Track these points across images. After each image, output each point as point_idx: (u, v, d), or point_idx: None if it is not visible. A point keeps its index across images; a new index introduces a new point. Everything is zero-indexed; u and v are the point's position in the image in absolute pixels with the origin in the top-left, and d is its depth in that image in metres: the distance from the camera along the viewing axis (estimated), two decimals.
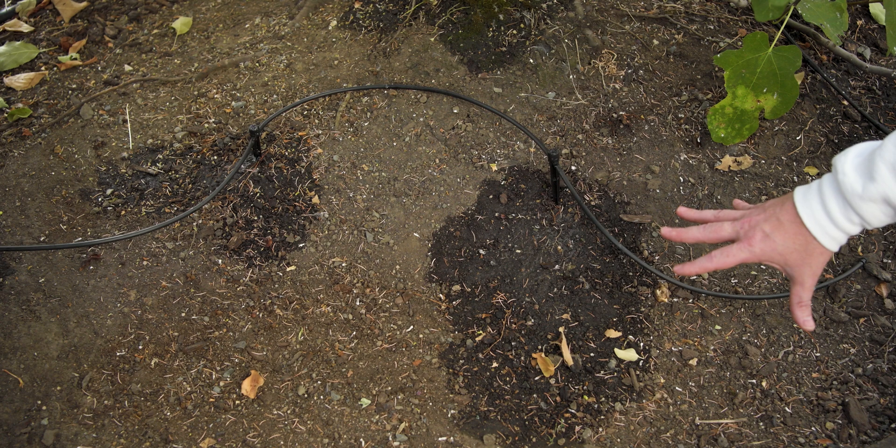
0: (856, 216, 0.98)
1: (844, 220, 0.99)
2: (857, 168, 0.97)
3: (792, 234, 1.03)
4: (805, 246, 1.03)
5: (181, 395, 1.77)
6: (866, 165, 0.96)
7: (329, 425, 1.74)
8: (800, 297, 1.07)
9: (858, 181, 0.96)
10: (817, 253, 1.03)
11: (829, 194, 1.00)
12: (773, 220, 1.05)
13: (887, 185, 0.93)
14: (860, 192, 0.95)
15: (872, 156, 0.95)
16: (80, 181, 2.05)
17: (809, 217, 1.01)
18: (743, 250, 1.06)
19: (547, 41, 2.20)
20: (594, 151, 2.07)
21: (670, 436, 1.73)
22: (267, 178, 2.04)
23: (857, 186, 0.96)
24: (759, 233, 1.05)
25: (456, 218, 1.98)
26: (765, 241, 1.05)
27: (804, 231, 1.02)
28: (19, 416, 1.73)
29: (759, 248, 1.05)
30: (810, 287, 1.06)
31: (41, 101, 2.24)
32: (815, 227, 1.01)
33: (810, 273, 1.05)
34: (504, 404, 1.77)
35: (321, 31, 2.32)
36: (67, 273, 1.91)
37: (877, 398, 1.78)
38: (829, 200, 1.00)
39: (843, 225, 1.00)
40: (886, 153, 0.93)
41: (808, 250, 1.03)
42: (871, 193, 0.94)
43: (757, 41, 1.91)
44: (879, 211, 0.96)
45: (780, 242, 1.04)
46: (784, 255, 1.04)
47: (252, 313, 1.87)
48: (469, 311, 1.87)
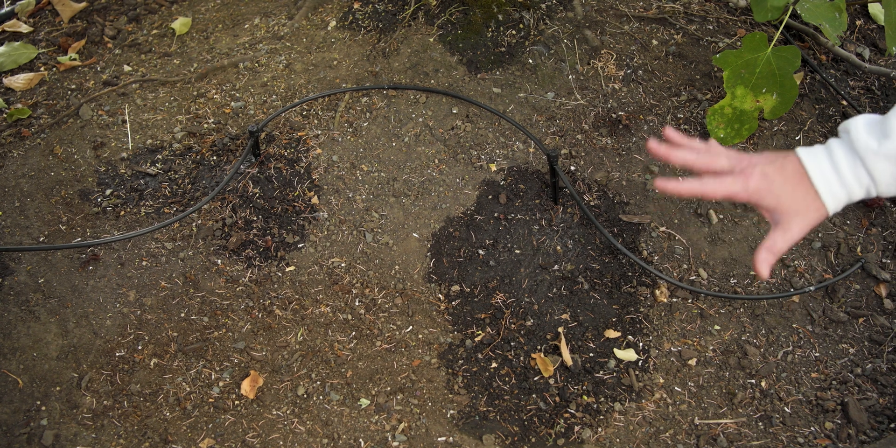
0: (865, 174, 0.95)
1: (852, 178, 0.96)
2: (868, 130, 0.95)
3: (793, 182, 0.98)
4: (806, 198, 0.98)
5: (180, 396, 1.77)
6: (879, 126, 0.95)
7: (328, 425, 1.74)
8: (774, 242, 1.00)
9: (873, 140, 0.94)
10: (815, 208, 0.99)
11: (838, 151, 0.97)
12: (776, 164, 1.00)
13: None
14: (875, 148, 0.93)
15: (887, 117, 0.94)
16: (80, 181, 2.05)
17: (815, 169, 0.97)
18: (737, 183, 1.00)
19: (546, 41, 2.20)
20: (593, 152, 2.08)
21: (669, 436, 1.73)
22: (266, 178, 2.04)
23: (871, 143, 0.94)
24: (758, 170, 1.00)
25: (455, 218, 1.98)
26: (763, 179, 0.99)
27: (806, 182, 0.98)
28: (18, 417, 1.73)
29: (754, 184, 0.99)
30: (791, 238, 1.00)
31: (40, 101, 2.24)
32: (820, 180, 0.97)
33: (799, 223, 0.99)
34: (503, 404, 1.77)
35: (320, 32, 2.32)
36: (67, 273, 1.91)
37: (876, 398, 1.78)
38: (839, 156, 0.96)
39: (850, 183, 0.96)
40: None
41: (806, 203, 0.98)
42: (888, 149, 0.93)
43: (756, 41, 1.91)
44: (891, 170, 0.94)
45: (777, 184, 0.98)
46: (779, 196, 0.98)
47: (251, 313, 1.87)
48: (468, 311, 1.87)
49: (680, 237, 1.97)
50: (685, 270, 1.93)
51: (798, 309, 1.90)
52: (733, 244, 1.97)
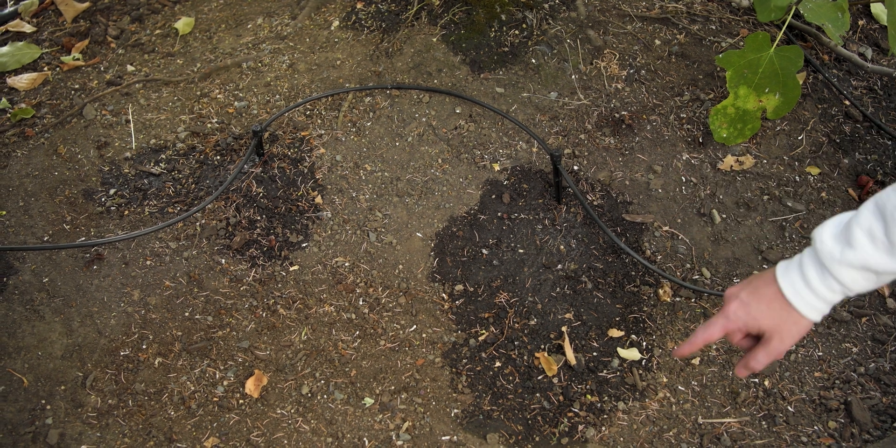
0: (835, 283, 0.98)
1: (823, 288, 0.99)
2: (835, 236, 0.98)
3: (768, 301, 1.03)
4: (781, 314, 1.02)
5: (185, 395, 1.77)
6: (844, 233, 0.97)
7: (332, 424, 1.74)
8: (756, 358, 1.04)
9: (836, 248, 0.97)
10: (792, 321, 1.02)
11: (807, 263, 1.00)
12: (749, 288, 1.05)
13: (865, 251, 0.94)
14: (838, 257, 0.96)
15: (849, 223, 0.96)
16: (84, 181, 2.06)
17: (788, 285, 1.01)
18: (720, 317, 1.05)
19: (549, 41, 2.20)
20: (596, 151, 2.08)
21: (673, 435, 1.74)
22: (270, 178, 2.04)
23: (835, 252, 0.97)
24: (735, 300, 1.05)
25: (459, 218, 1.98)
26: (740, 307, 1.04)
27: (782, 299, 1.02)
28: (24, 416, 1.73)
29: (734, 314, 1.04)
30: (772, 353, 1.03)
31: (44, 101, 2.25)
32: (793, 295, 1.01)
33: (779, 338, 1.02)
34: (507, 403, 1.77)
35: (323, 32, 2.32)
36: (71, 273, 1.91)
37: (879, 397, 1.78)
38: (808, 268, 1.00)
39: (823, 293, 0.99)
40: (862, 220, 0.95)
41: (783, 318, 1.02)
42: (850, 259, 0.95)
43: (759, 41, 1.92)
44: (860, 276, 0.97)
45: (755, 308, 1.03)
46: (758, 319, 1.03)
47: (255, 313, 1.87)
48: (472, 310, 1.88)
49: (683, 236, 1.98)
50: (688, 270, 1.94)
51: None
52: (736, 244, 1.97)
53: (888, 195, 0.93)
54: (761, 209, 2.02)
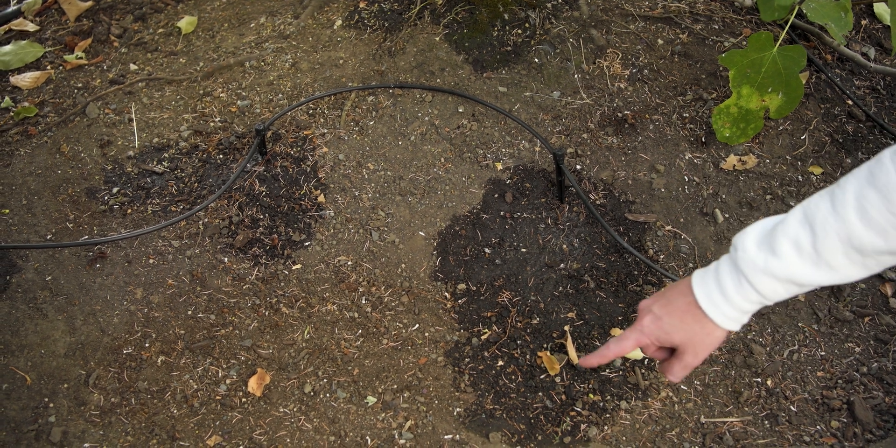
0: (754, 293, 0.92)
1: (739, 298, 0.93)
2: (758, 244, 0.92)
3: (681, 312, 0.97)
4: (694, 327, 0.97)
5: (188, 393, 1.77)
6: (768, 240, 0.91)
7: (335, 423, 1.74)
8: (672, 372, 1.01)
9: (760, 256, 0.90)
10: (705, 333, 0.97)
11: (724, 271, 0.95)
12: (662, 300, 1.00)
13: (790, 261, 0.88)
14: (762, 266, 0.90)
15: (774, 231, 0.90)
16: (87, 180, 2.06)
17: (704, 296, 0.95)
18: (633, 331, 1.01)
19: (552, 41, 2.20)
20: (599, 150, 2.08)
21: (675, 434, 1.74)
22: (273, 176, 2.04)
23: (757, 261, 0.90)
24: (648, 314, 1.01)
25: (461, 217, 1.98)
26: (653, 322, 0.99)
27: (696, 310, 0.96)
28: (27, 414, 1.73)
29: (647, 328, 1.00)
30: (686, 366, 0.99)
31: (47, 99, 2.25)
32: (708, 305, 0.95)
33: (693, 352, 0.98)
34: (510, 402, 1.77)
35: (326, 31, 2.32)
36: (74, 271, 1.91)
37: (882, 397, 1.78)
38: (725, 278, 0.94)
39: (738, 302, 0.93)
40: (789, 229, 0.89)
41: (695, 330, 0.97)
42: (773, 269, 0.89)
43: (762, 41, 1.92)
44: (781, 287, 0.91)
45: (666, 322, 0.98)
46: (670, 333, 0.98)
47: (258, 311, 1.87)
48: (475, 309, 1.88)
49: (686, 236, 1.98)
50: (691, 269, 1.94)
51: (804, 308, 1.90)
52: None
53: (816, 204, 0.87)
54: (764, 209, 2.02)
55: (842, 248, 0.86)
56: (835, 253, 0.86)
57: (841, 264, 0.87)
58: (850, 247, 0.85)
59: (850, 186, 0.84)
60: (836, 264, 0.87)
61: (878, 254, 0.85)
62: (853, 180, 0.85)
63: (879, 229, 0.83)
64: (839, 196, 0.85)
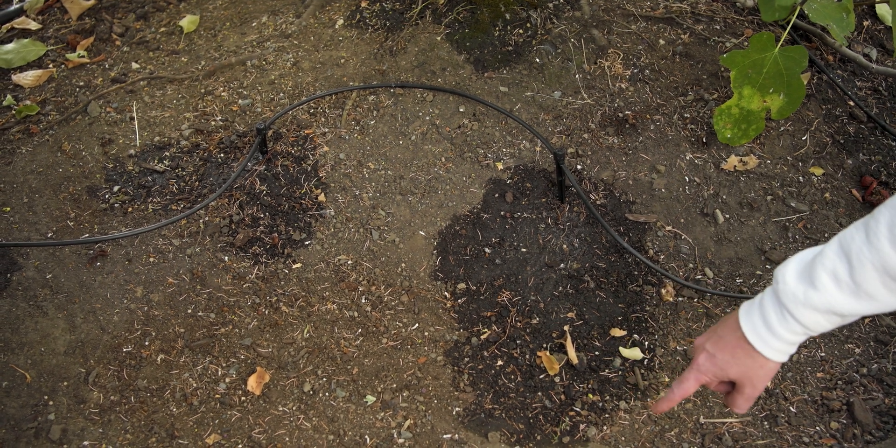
0: (797, 325, 0.94)
1: (784, 331, 0.96)
2: (798, 277, 0.94)
3: (732, 348, 1.01)
4: (747, 361, 1.00)
5: (187, 391, 1.77)
6: (807, 274, 0.93)
7: (334, 422, 1.74)
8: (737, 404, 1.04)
9: (800, 288, 0.93)
10: (758, 366, 1.00)
11: (769, 305, 0.97)
12: (714, 337, 1.03)
13: (829, 293, 0.90)
14: (802, 299, 0.93)
15: (813, 263, 0.93)
16: (88, 178, 2.06)
17: (750, 330, 0.98)
18: (691, 371, 1.04)
19: (553, 41, 2.20)
20: (600, 151, 2.08)
21: (675, 435, 1.74)
22: (273, 175, 2.04)
23: (798, 294, 0.93)
24: (702, 353, 1.04)
25: (462, 216, 1.98)
26: (708, 360, 1.03)
27: (745, 345, 0.99)
28: (26, 411, 1.73)
29: (703, 366, 1.03)
30: (748, 399, 1.03)
31: (49, 98, 2.25)
32: (755, 339, 0.98)
33: (751, 385, 1.01)
34: (509, 402, 1.77)
35: (328, 30, 2.33)
36: (74, 269, 1.92)
37: (881, 398, 1.78)
38: (769, 311, 0.97)
39: (784, 335, 0.96)
40: (826, 261, 0.91)
41: (748, 364, 1.00)
42: (814, 301, 0.92)
43: (763, 41, 1.92)
44: (823, 319, 0.93)
45: (720, 358, 1.02)
46: (725, 369, 1.01)
47: (258, 310, 1.87)
48: (474, 309, 1.88)
49: (686, 236, 1.97)
50: (691, 270, 1.94)
51: None
52: (739, 244, 1.97)
53: (852, 235, 0.90)
54: (764, 209, 2.02)
55: (879, 278, 0.87)
56: (873, 282, 0.88)
57: (880, 293, 0.89)
58: (887, 276, 0.87)
59: (883, 217, 0.86)
60: (874, 294, 0.89)
61: None
62: (886, 211, 0.86)
63: None
64: (873, 227, 0.87)
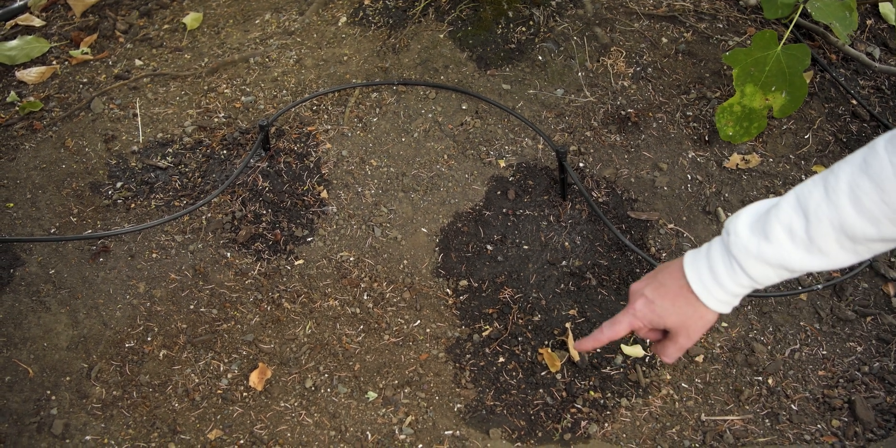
0: (745, 277, 0.92)
1: (731, 282, 0.93)
2: (751, 228, 0.91)
3: (673, 295, 0.98)
4: (687, 310, 0.98)
5: (189, 387, 1.78)
6: (761, 225, 0.90)
7: (336, 418, 1.75)
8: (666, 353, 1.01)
9: (752, 241, 0.90)
10: (698, 316, 0.98)
11: (717, 255, 0.94)
12: (654, 283, 1.00)
13: (782, 246, 0.88)
14: (754, 252, 0.90)
15: (768, 215, 0.90)
16: (91, 174, 2.07)
17: (696, 279, 0.96)
18: (626, 315, 1.01)
19: (556, 38, 2.20)
20: (602, 148, 2.08)
21: (676, 432, 1.74)
22: (276, 172, 2.05)
23: (750, 246, 0.90)
24: (640, 298, 1.01)
25: (464, 213, 1.99)
26: (646, 305, 1.00)
27: (688, 293, 0.97)
28: (29, 406, 1.74)
29: (640, 311, 1.00)
30: (680, 348, 1.00)
31: (52, 94, 2.26)
32: (700, 289, 0.95)
33: (686, 335, 0.99)
34: (510, 399, 1.77)
35: (331, 27, 2.33)
36: (77, 265, 1.92)
37: (883, 396, 1.78)
38: (717, 262, 0.94)
39: (730, 287, 0.94)
40: (782, 215, 0.89)
41: (687, 313, 0.98)
42: (766, 255, 0.89)
43: (766, 39, 1.92)
44: (772, 272, 0.91)
45: (658, 305, 0.99)
46: (663, 317, 0.99)
47: (260, 306, 1.88)
48: (476, 306, 1.88)
49: (688, 234, 1.97)
50: None
51: (806, 307, 1.90)
52: None
53: (809, 190, 0.87)
54: None
55: (834, 235, 0.86)
56: (827, 239, 0.87)
57: (833, 250, 0.88)
58: (843, 234, 0.86)
59: (844, 174, 0.84)
60: (827, 250, 0.88)
61: (870, 241, 0.85)
62: (846, 167, 0.84)
63: (871, 218, 0.83)
64: (832, 183, 0.85)
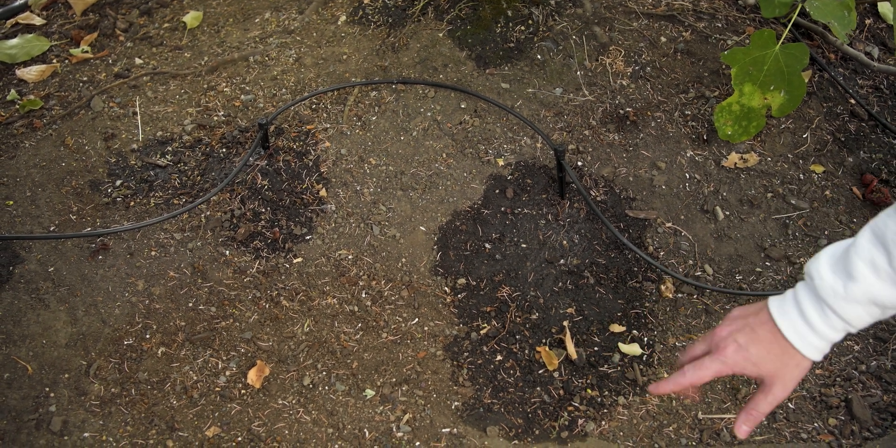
0: (838, 320, 0.92)
1: (825, 327, 0.93)
2: (833, 269, 0.91)
3: (767, 343, 0.96)
4: (781, 356, 0.96)
5: (187, 384, 1.78)
6: (842, 265, 0.90)
7: (333, 415, 1.75)
8: (757, 405, 0.97)
9: (838, 282, 0.90)
10: (794, 364, 0.96)
11: (805, 301, 0.94)
12: (746, 329, 0.98)
13: (868, 282, 0.88)
14: (842, 293, 0.90)
15: (847, 254, 0.90)
16: (90, 172, 2.07)
17: (788, 327, 0.95)
18: (715, 361, 0.98)
19: (555, 37, 2.20)
20: (600, 147, 2.08)
21: (673, 430, 1.74)
22: (275, 170, 2.05)
23: (838, 288, 0.90)
24: (732, 344, 0.98)
25: (462, 212, 1.99)
26: (738, 352, 0.97)
27: (781, 341, 0.95)
28: (27, 403, 1.74)
29: (731, 358, 0.97)
30: (775, 399, 0.97)
31: (52, 93, 2.26)
32: (794, 336, 0.94)
33: (782, 384, 0.96)
34: (508, 397, 1.78)
35: (330, 26, 2.33)
36: (76, 262, 1.93)
37: (880, 395, 1.78)
38: (807, 308, 0.93)
39: (824, 332, 0.93)
40: (862, 251, 0.89)
41: (783, 361, 0.96)
42: (854, 294, 0.89)
43: (764, 39, 1.92)
44: (864, 312, 0.90)
45: (754, 352, 0.96)
46: (758, 364, 0.96)
47: (259, 304, 1.88)
48: (474, 304, 1.88)
49: (686, 233, 1.98)
50: (691, 266, 1.94)
51: None
52: (739, 240, 1.97)
53: (885, 222, 0.87)
54: (764, 206, 2.02)
55: None
56: None
57: None
58: None
59: None
60: None
61: None
62: None
63: None
64: None
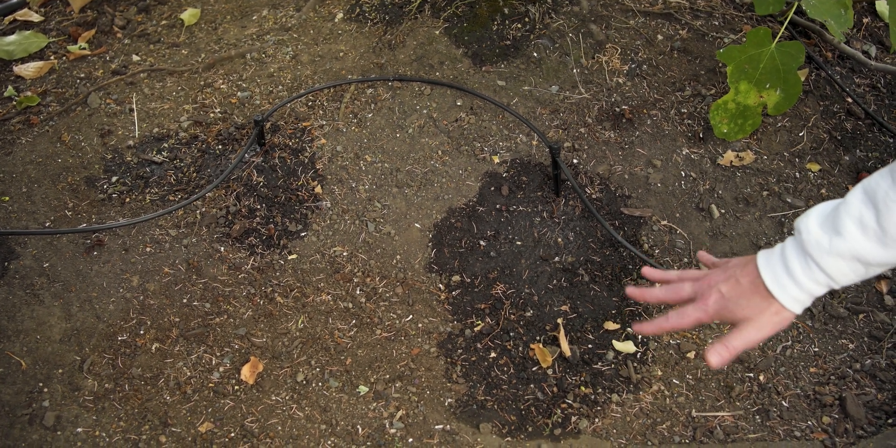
0: (821, 274, 0.94)
1: (806, 279, 0.95)
2: (821, 225, 0.94)
3: (749, 294, 0.99)
4: (762, 305, 0.98)
5: (181, 380, 1.78)
6: (831, 221, 0.93)
7: (327, 412, 1.75)
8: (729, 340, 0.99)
9: (825, 237, 0.92)
10: (773, 312, 0.98)
11: (791, 254, 0.96)
12: (731, 280, 1.01)
13: (855, 239, 0.90)
14: (827, 247, 0.92)
15: (837, 210, 0.92)
16: (86, 168, 2.07)
17: (770, 277, 0.97)
18: (697, 310, 1.02)
19: (551, 35, 2.20)
20: (596, 145, 2.08)
21: (666, 428, 1.74)
22: (270, 167, 2.05)
23: (823, 242, 0.92)
24: (714, 293, 1.01)
25: (457, 209, 1.99)
26: (719, 299, 1.01)
27: (763, 291, 0.98)
28: (21, 398, 1.75)
29: (712, 308, 1.01)
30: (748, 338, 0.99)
31: (49, 89, 2.27)
32: (774, 286, 0.97)
33: (757, 327, 0.99)
34: (501, 394, 1.78)
35: (327, 24, 2.34)
36: (71, 258, 1.93)
37: (874, 394, 1.78)
38: (792, 260, 0.96)
39: (805, 284, 0.95)
40: (851, 208, 0.91)
41: (762, 309, 0.98)
42: (839, 248, 0.91)
43: (760, 37, 1.92)
44: (848, 268, 0.92)
45: (733, 300, 1.00)
46: (734, 311, 1.00)
47: (253, 300, 1.88)
48: (468, 301, 1.88)
49: (681, 231, 1.98)
50: (686, 264, 1.94)
51: None
52: (734, 239, 1.97)
53: (877, 181, 0.88)
54: (760, 205, 2.02)
55: None
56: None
57: None
58: None
59: None
60: None
61: None
62: None
63: None
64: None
